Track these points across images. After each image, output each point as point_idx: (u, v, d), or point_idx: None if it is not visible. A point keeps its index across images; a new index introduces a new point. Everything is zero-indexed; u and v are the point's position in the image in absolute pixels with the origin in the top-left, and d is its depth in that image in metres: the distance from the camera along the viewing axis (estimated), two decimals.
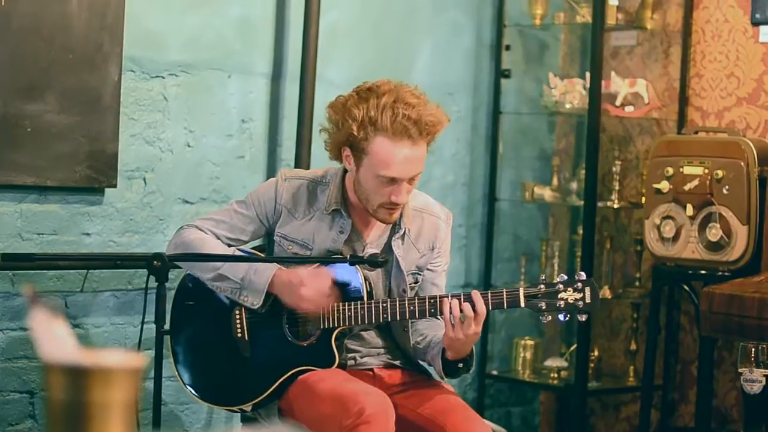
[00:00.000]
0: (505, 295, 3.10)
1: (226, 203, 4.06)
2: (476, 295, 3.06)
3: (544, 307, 3.10)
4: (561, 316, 3.11)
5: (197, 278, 3.30)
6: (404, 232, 3.25)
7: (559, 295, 3.11)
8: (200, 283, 3.30)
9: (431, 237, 3.30)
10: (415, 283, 3.29)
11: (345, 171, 3.24)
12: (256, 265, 3.20)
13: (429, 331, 3.27)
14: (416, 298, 3.17)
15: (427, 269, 3.31)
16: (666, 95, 4.86)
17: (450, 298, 3.08)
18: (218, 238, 3.28)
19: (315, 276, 3.14)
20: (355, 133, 3.07)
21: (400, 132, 3.04)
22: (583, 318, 3.13)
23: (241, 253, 3.29)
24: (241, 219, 3.28)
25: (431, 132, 3.09)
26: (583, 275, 3.14)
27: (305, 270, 3.16)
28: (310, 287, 3.13)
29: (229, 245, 3.30)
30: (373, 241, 3.26)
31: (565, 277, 3.13)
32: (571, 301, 3.10)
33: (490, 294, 3.08)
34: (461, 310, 3.03)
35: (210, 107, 4.18)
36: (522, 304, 3.10)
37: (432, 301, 3.13)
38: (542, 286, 3.11)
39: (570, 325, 4.98)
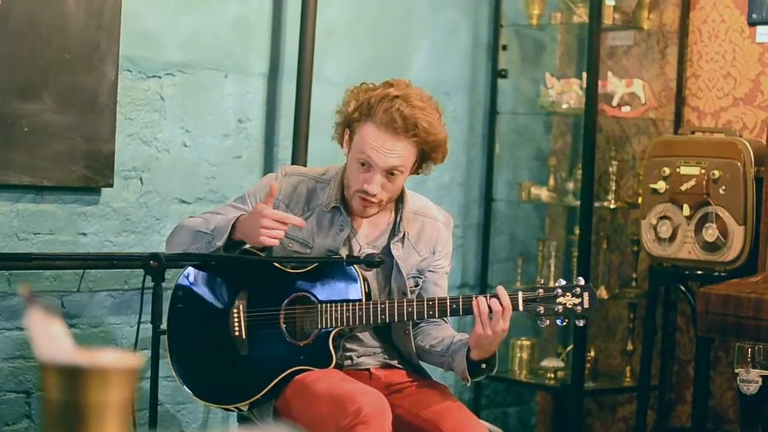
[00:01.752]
0: None
1: (223, 203, 4.07)
2: (501, 290, 3.08)
3: (542, 312, 3.11)
4: (559, 321, 3.13)
5: (195, 276, 3.30)
6: (403, 235, 3.26)
7: (558, 300, 3.12)
8: (198, 281, 3.30)
9: (432, 240, 3.31)
10: (416, 286, 3.29)
11: (345, 169, 3.25)
12: (226, 216, 3.20)
13: (441, 334, 3.27)
14: (414, 300, 3.17)
15: (429, 270, 3.31)
16: (662, 95, 4.87)
17: (472, 298, 3.09)
18: None
19: (269, 214, 3.08)
20: (351, 113, 3.14)
21: (387, 122, 3.08)
22: (581, 323, 3.15)
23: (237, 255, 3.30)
24: (237, 213, 3.28)
25: (418, 135, 3.09)
26: (581, 280, 3.16)
27: (261, 207, 3.11)
28: (267, 223, 3.06)
29: None
30: (371, 241, 3.27)
31: (564, 282, 3.15)
32: (570, 306, 3.12)
33: (488, 297, 3.09)
34: (489, 307, 3.04)
35: (207, 107, 4.18)
36: (520, 308, 3.11)
37: (430, 303, 3.14)
38: (541, 290, 3.12)
39: (567, 326, 4.98)
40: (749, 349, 3.23)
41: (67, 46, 3.77)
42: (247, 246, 3.33)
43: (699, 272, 4.34)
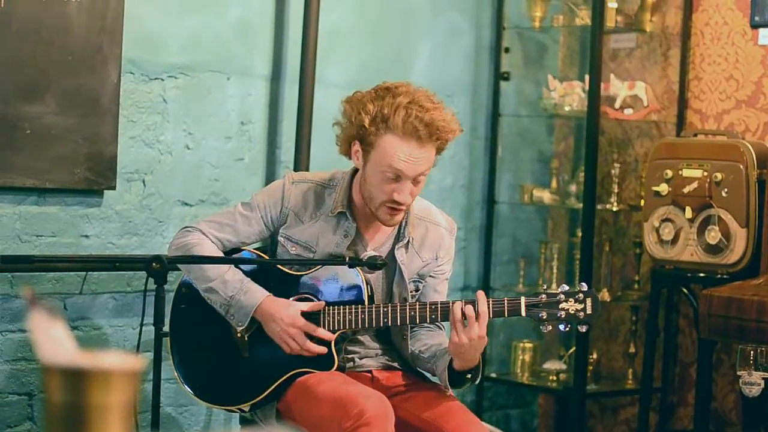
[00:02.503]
0: (506, 304, 3.10)
1: (225, 206, 4.07)
2: (480, 295, 3.06)
3: (544, 317, 3.11)
4: (561, 327, 3.12)
5: None
6: (408, 240, 3.25)
7: (560, 306, 3.11)
8: None
9: (435, 246, 3.30)
10: (416, 290, 3.29)
11: (352, 175, 3.25)
12: (247, 286, 3.20)
13: (431, 341, 3.26)
14: (417, 303, 3.17)
15: (430, 276, 3.31)
16: (665, 98, 4.86)
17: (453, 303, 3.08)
18: (221, 241, 3.27)
19: (301, 327, 3.15)
20: (367, 127, 3.10)
21: (410, 132, 3.06)
22: (583, 329, 3.14)
23: (241, 257, 3.30)
24: (246, 222, 3.28)
25: (441, 137, 3.10)
26: (584, 286, 3.16)
27: (296, 313, 3.17)
28: (295, 336, 3.15)
29: (232, 249, 3.30)
30: (377, 247, 3.26)
31: (567, 288, 3.14)
32: (572, 312, 3.11)
33: (491, 301, 3.08)
34: (463, 313, 3.03)
35: (209, 109, 4.18)
36: (523, 314, 3.10)
37: (433, 306, 3.13)
38: (543, 296, 3.12)
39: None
40: (752, 352, 3.23)
41: (69, 48, 3.77)
42: (251, 248, 3.34)
43: (701, 275, 4.33)
